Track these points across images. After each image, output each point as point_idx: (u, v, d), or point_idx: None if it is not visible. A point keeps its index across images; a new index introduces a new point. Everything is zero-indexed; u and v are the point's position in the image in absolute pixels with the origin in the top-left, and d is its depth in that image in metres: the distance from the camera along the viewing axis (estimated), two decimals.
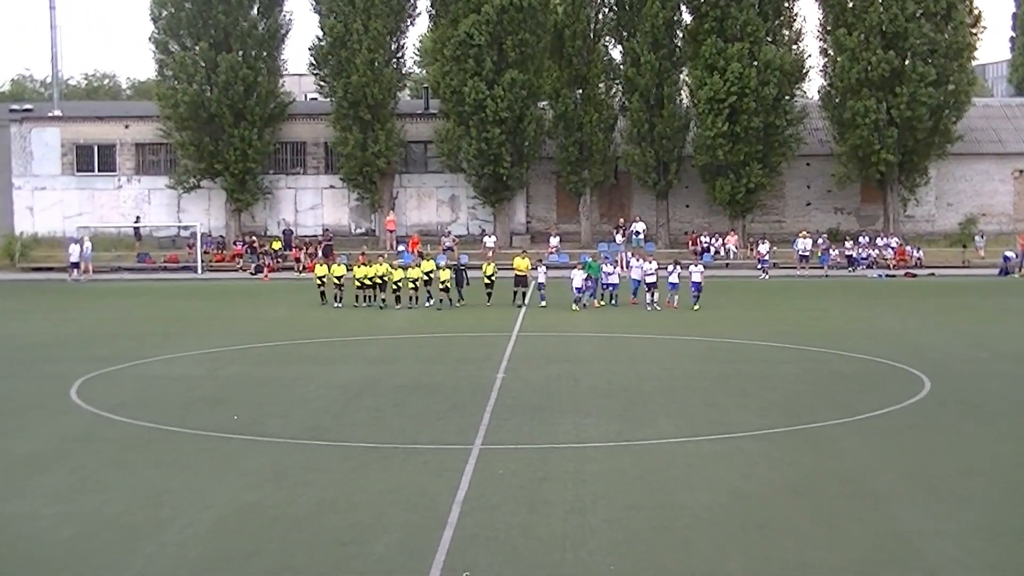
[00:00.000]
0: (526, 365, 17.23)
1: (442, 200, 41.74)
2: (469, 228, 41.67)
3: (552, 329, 22.30)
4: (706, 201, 40.48)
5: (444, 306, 25.21)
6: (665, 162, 38.93)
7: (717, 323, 22.86)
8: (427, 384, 15.47)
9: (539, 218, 42.18)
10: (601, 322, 23.28)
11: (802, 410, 13.35)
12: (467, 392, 14.75)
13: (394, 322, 23.50)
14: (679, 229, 41.25)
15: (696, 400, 14.15)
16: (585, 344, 20.08)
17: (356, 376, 16.40)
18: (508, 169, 38.54)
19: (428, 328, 22.57)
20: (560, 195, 41.45)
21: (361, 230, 41.85)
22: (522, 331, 21.94)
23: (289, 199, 41.67)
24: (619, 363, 17.61)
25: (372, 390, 15.15)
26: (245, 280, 35.38)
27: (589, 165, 39.21)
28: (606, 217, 41.65)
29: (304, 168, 41.79)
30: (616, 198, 41.74)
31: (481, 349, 19.48)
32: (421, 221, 41.61)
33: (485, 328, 22.67)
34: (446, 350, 19.39)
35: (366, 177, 39.58)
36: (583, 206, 40.38)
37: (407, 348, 19.82)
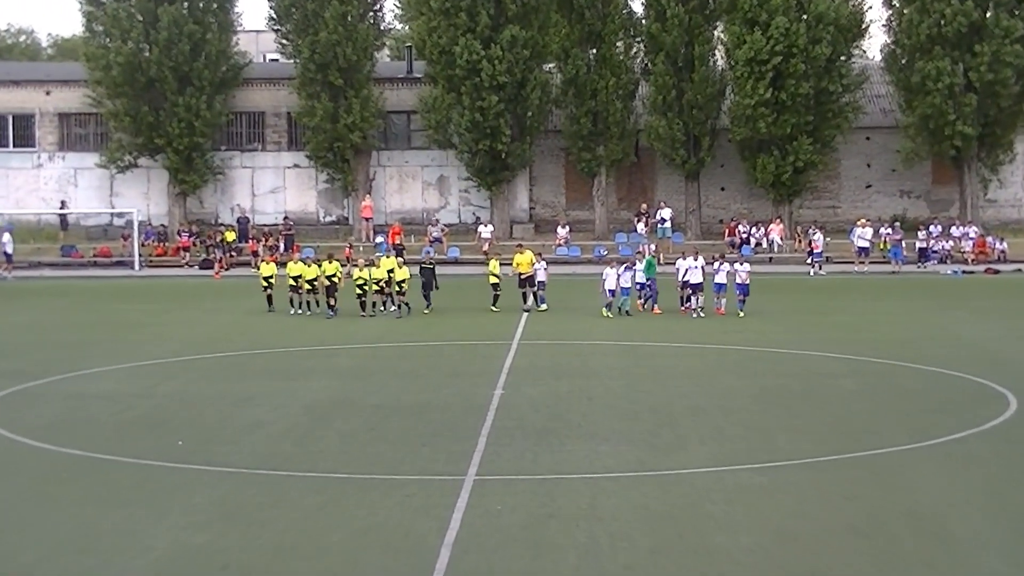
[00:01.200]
0: (529, 380, 17.32)
1: (428, 182, 41.78)
2: (461, 216, 41.69)
3: (560, 337, 22.37)
4: (745, 183, 40.52)
5: (403, 313, 25.04)
6: (696, 136, 38.91)
7: (760, 329, 22.87)
8: (410, 403, 15.65)
9: (545, 204, 42.24)
10: (620, 329, 23.36)
11: (862, 433, 13.40)
12: (458, 412, 14.89)
13: (368, 329, 23.56)
14: (712, 217, 41.25)
15: (734, 422, 14.26)
16: (600, 355, 20.14)
17: (324, 393, 16.47)
18: (507, 145, 38.51)
19: (410, 336, 22.67)
20: (570, 176, 41.57)
21: (331, 218, 41.88)
22: (524, 339, 22.02)
23: (245, 181, 41.70)
24: (641, 378, 17.68)
25: (343, 410, 15.24)
26: (191, 278, 35.43)
27: (605, 140, 39.19)
28: (625, 203, 41.70)
29: (263, 144, 41.81)
30: (637, 180, 41.84)
31: (475, 361, 19.55)
32: (403, 207, 41.65)
33: (479, 335, 22.76)
34: (432, 362, 19.46)
35: (337, 154, 39.58)
36: (597, 189, 40.39)
37: (385, 360, 19.90)
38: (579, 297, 29.19)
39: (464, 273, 35.06)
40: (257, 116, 41.40)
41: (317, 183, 41.43)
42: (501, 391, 16.23)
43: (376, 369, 18.71)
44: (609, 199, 40.79)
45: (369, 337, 22.36)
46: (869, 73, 39.83)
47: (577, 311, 26.36)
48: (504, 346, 20.83)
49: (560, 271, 34.21)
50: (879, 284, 31.92)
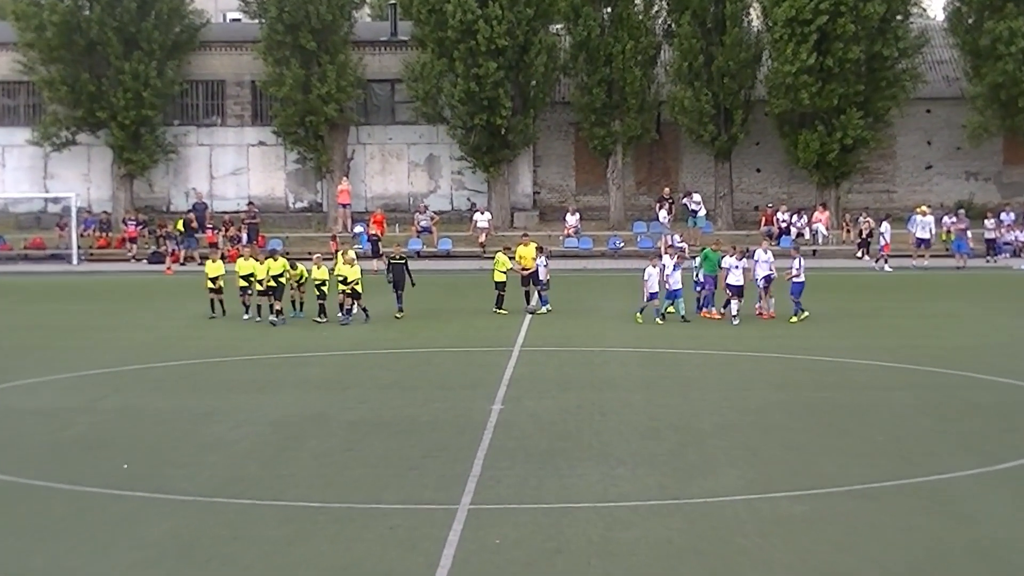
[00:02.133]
0: (532, 393, 17.40)
1: (416, 163, 41.83)
2: (453, 201, 41.76)
3: (569, 342, 22.44)
4: (785, 163, 40.57)
5: (356, 320, 24.63)
6: (727, 109, 38.88)
7: (802, 333, 22.92)
8: (394, 420, 15.72)
9: (551, 188, 42.33)
10: (639, 334, 23.42)
11: (921, 456, 13.43)
12: (450, 431, 14.97)
13: (344, 335, 23.61)
14: (746, 203, 41.34)
15: (772, 442, 14.31)
16: (616, 364, 20.22)
17: (294, 408, 16.55)
18: (508, 119, 38.53)
19: (394, 342, 22.73)
20: (580, 156, 41.60)
21: (303, 204, 41.95)
22: (527, 345, 22.09)
23: (202, 161, 41.72)
24: (664, 390, 17.76)
25: (317, 428, 15.30)
26: (139, 274, 35.43)
27: (621, 114, 39.19)
28: (644, 186, 41.80)
29: (222, 118, 41.82)
30: (659, 160, 41.88)
31: (470, 370, 19.62)
32: (387, 192, 41.72)
33: (475, 341, 22.85)
34: (420, 372, 19.52)
35: (309, 130, 39.59)
36: (613, 171, 40.42)
37: (365, 369, 19.98)
38: (591, 296, 29.32)
39: (457, 269, 35.22)
40: (216, 85, 41.37)
41: (286, 164, 41.46)
42: (500, 406, 16.33)
43: (355, 380, 18.78)
44: (626, 182, 40.83)
45: (346, 344, 22.41)
46: (930, 35, 39.61)
47: (589, 312, 26.44)
48: (503, 353, 20.87)
49: (569, 266, 34.28)
50: (941, 281, 31.96)
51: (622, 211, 40.06)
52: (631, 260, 36.36)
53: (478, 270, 33.37)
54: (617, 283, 32.14)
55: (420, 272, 35.01)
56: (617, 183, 40.20)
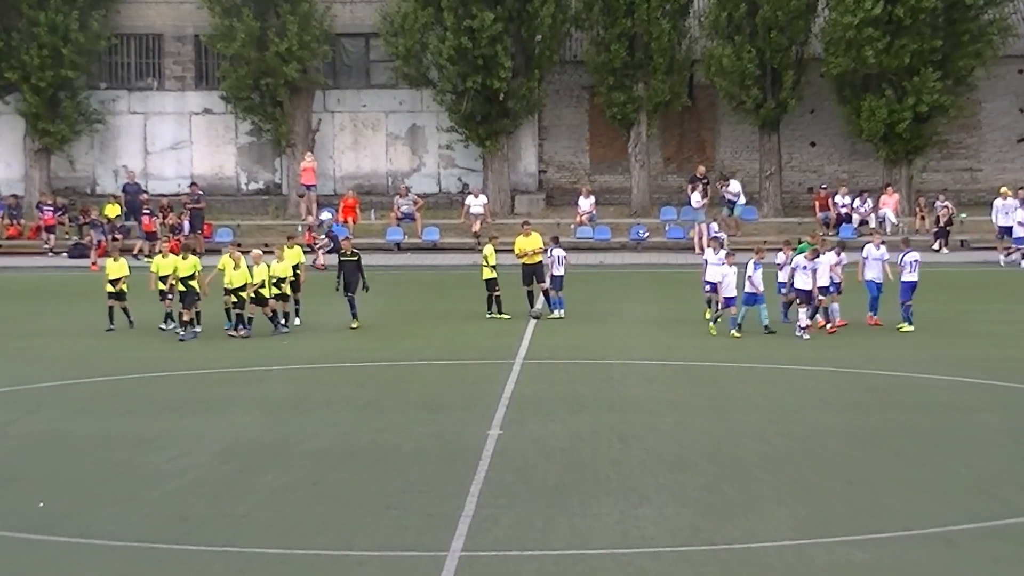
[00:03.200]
0: (538, 415, 17.46)
1: (396, 135, 41.81)
2: (441, 182, 41.64)
3: (582, 354, 22.49)
4: (845, 136, 40.44)
5: (281, 333, 24.12)
6: (775, 69, 38.67)
7: (865, 342, 22.96)
8: (369, 448, 15.89)
9: (560, 165, 42.30)
10: (668, 343, 23.50)
11: (1012, 491, 13.47)
12: (437, 461, 15.04)
13: (308, 344, 23.72)
14: (798, 184, 41.26)
15: (830, 474, 14.34)
16: (639, 380, 20.29)
17: (248, 433, 16.60)
18: (507, 82, 38.59)
19: (370, 353, 22.81)
20: (596, 127, 41.53)
21: (258, 185, 41.94)
22: (531, 357, 22.17)
23: (134, 133, 41.64)
24: (697, 411, 17.83)
25: (275, 457, 15.39)
26: (59, 270, 35.44)
27: (646, 75, 39.04)
28: (674, 163, 41.73)
29: (160, 80, 41.77)
30: (692, 131, 41.80)
31: (462, 388, 19.69)
32: (360, 170, 41.66)
33: (468, 352, 22.95)
34: (401, 390, 19.60)
35: (266, 96, 39.55)
36: (635, 145, 40.34)
37: (334, 386, 20.05)
38: (608, 297, 29.39)
39: (446, 264, 35.29)
40: (152, 41, 41.19)
41: (237, 136, 41.39)
42: (498, 431, 16.38)
43: (321, 399, 18.83)
44: (652, 159, 40.75)
45: (310, 355, 22.47)
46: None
47: (606, 317, 26.52)
48: (503, 367, 20.92)
49: (582, 261, 34.12)
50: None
51: (646, 194, 39.96)
52: (657, 253, 36.40)
53: (471, 266, 33.38)
54: (641, 281, 32.24)
55: (401, 269, 35.39)
56: (641, 160, 40.13)
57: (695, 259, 34.60)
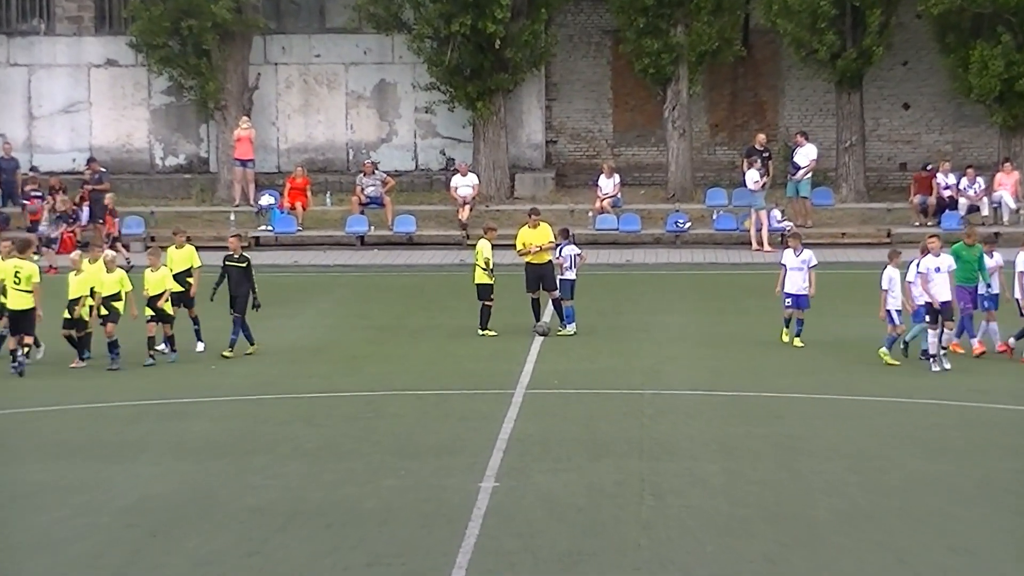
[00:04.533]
0: (545, 462, 17.40)
1: (359, 94, 41.78)
2: (419, 157, 41.50)
3: (601, 381, 22.46)
4: (949, 96, 40.36)
5: (164, 359, 24.02)
6: (856, 8, 38.64)
7: (977, 368, 22.90)
8: (323, 505, 15.66)
9: (574, 135, 42.25)
10: (715, 366, 23.52)
11: None
12: (414, 522, 14.95)
13: (243, 369, 23.74)
14: (887, 158, 41.25)
15: (929, 540, 14.24)
16: (679, 415, 20.24)
17: (163, 486, 16.51)
18: (505, 24, 38.55)
19: (324, 380, 22.81)
20: (622, 84, 41.54)
21: (178, 160, 41.83)
22: (535, 386, 22.12)
23: (15, 91, 41.53)
24: (755, 457, 17.75)
25: (199, 517, 15.19)
26: None
27: (686, 17, 38.97)
28: (724, 132, 41.70)
29: (49, 21, 41.73)
30: (747, 90, 41.76)
31: (446, 426, 19.64)
32: (311, 141, 41.59)
33: (455, 379, 22.91)
34: (366, 429, 19.57)
35: (188, 43, 39.57)
36: (674, 108, 40.12)
37: (277, 424, 20.01)
38: (638, 307, 29.40)
39: (424, 264, 35.29)
40: None
41: (151, 96, 41.27)
42: (493, 483, 16.35)
43: (261, 442, 18.77)
44: (695, 126, 40.69)
45: (247, 383, 22.43)
46: None
47: (635, 333, 26.51)
48: (499, 399, 20.88)
49: (603, 259, 34.15)
50: None
51: (688, 172, 39.73)
52: (701, 249, 36.37)
53: (458, 265, 33.25)
54: (679, 286, 32.17)
55: (366, 270, 35.29)
56: (680, 127, 39.92)
57: (750, 257, 34.84)
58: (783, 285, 24.58)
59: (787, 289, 24.49)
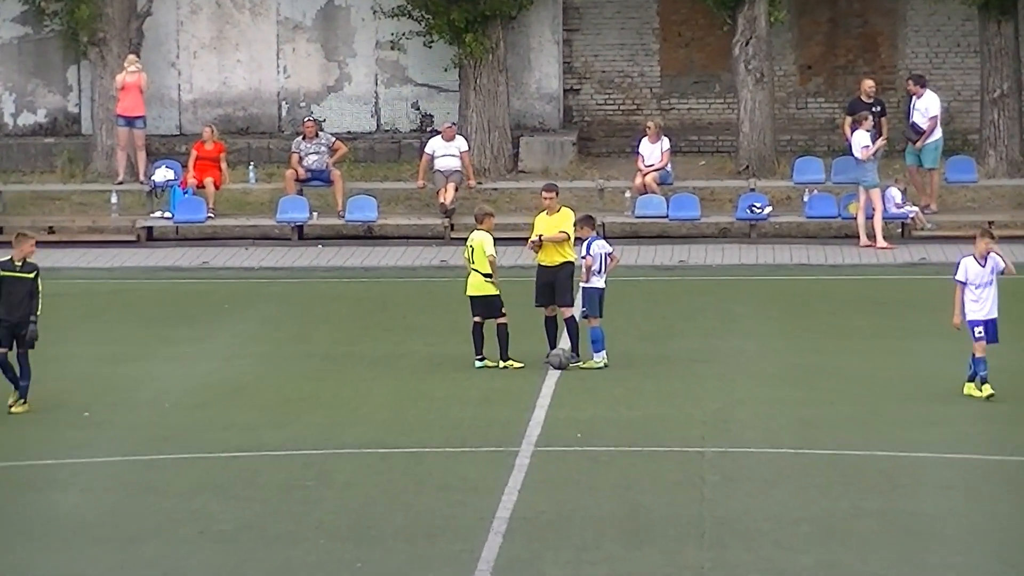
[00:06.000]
0: (562, 551, 17.36)
1: (295, 23, 42.02)
2: (382, 112, 42.01)
3: (640, 433, 22.46)
4: None
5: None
6: None
7: None
8: None
9: (604, 81, 42.54)
10: (805, 413, 23.49)
11: None
12: None
13: (125, 415, 23.76)
14: None
15: None
16: (752, 481, 20.20)
17: None
18: None
19: (239, 433, 22.76)
20: (672, 9, 41.98)
21: (37, 118, 41.71)
22: (548, 442, 22.10)
23: None
24: (865, 544, 17.68)
25: None
26: None
27: None
28: (820, 77, 42.09)
29: None
30: (853, 17, 42.09)
31: (423, 500, 19.55)
32: (228, 90, 41.93)
33: (434, 431, 22.85)
34: (305, 503, 19.54)
35: None
36: (747, 43, 40.41)
37: (172, 498, 19.81)
38: (695, 325, 29.54)
39: (390, 266, 35.51)
40: None
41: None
42: None
43: (154, 520, 18.70)
44: (780, 68, 41.14)
45: (133, 439, 22.40)
46: None
47: (691, 364, 26.56)
48: (498, 460, 20.93)
49: (647, 259, 34.37)
50: None
51: (767, 134, 39.96)
52: (787, 244, 36.58)
53: (438, 268, 33.46)
54: (756, 295, 32.38)
55: (305, 273, 35.49)
56: (757, 71, 40.04)
57: (857, 256, 35.01)
58: (963, 311, 24.32)
59: (973, 315, 24.20)
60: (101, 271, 34.88)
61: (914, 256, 34.75)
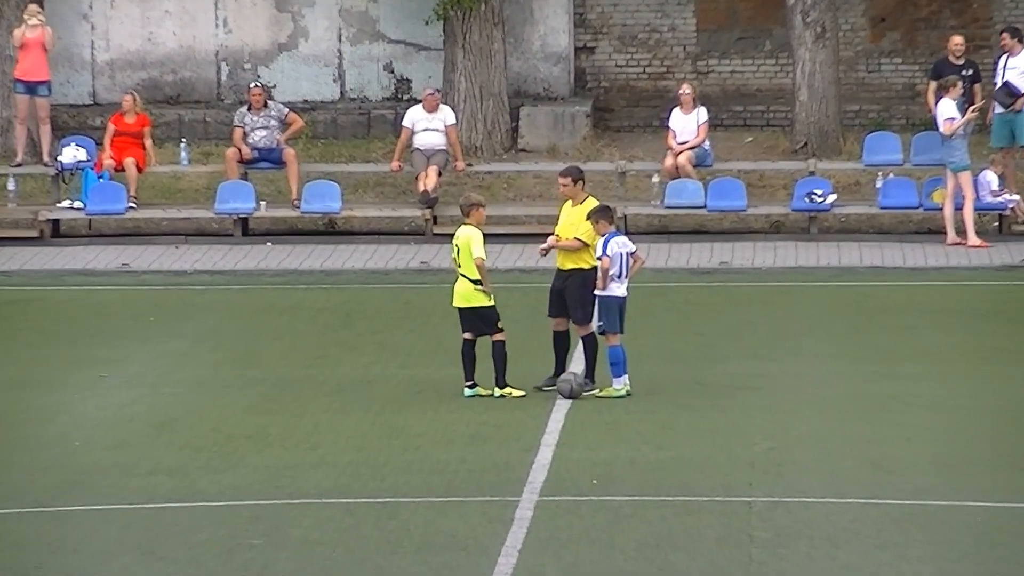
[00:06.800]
0: None
1: None
2: (346, 77, 42.41)
3: (672, 481, 22.34)
4: None
5: None
6: None
7: None
8: None
9: (625, 37, 42.91)
10: (878, 454, 23.39)
11: None
12: None
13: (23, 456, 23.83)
14: None
15: None
16: (807, 542, 19.72)
17: None
18: None
19: (168, 480, 22.66)
20: None
21: None
22: (555, 489, 21.89)
23: None
24: None
25: None
26: None
27: None
28: (897, 32, 42.46)
29: None
30: None
31: (400, 562, 19.22)
32: (155, 48, 42.29)
33: (412, 476, 22.78)
34: (255, 566, 19.23)
35: None
36: None
37: (89, 556, 19.64)
38: (739, 345, 29.81)
39: (358, 269, 35.71)
40: None
41: None
42: None
43: None
44: (846, 22, 41.52)
45: (34, 483, 22.31)
46: None
47: (734, 393, 26.57)
48: (494, 512, 20.81)
49: (678, 261, 34.51)
50: None
51: (830, 104, 40.24)
52: (857, 243, 36.74)
53: (417, 272, 33.51)
54: (816, 306, 32.61)
55: (251, 279, 35.61)
56: (816, 24, 40.35)
57: (944, 256, 35.02)
58: None
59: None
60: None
61: (1014, 256, 35.09)
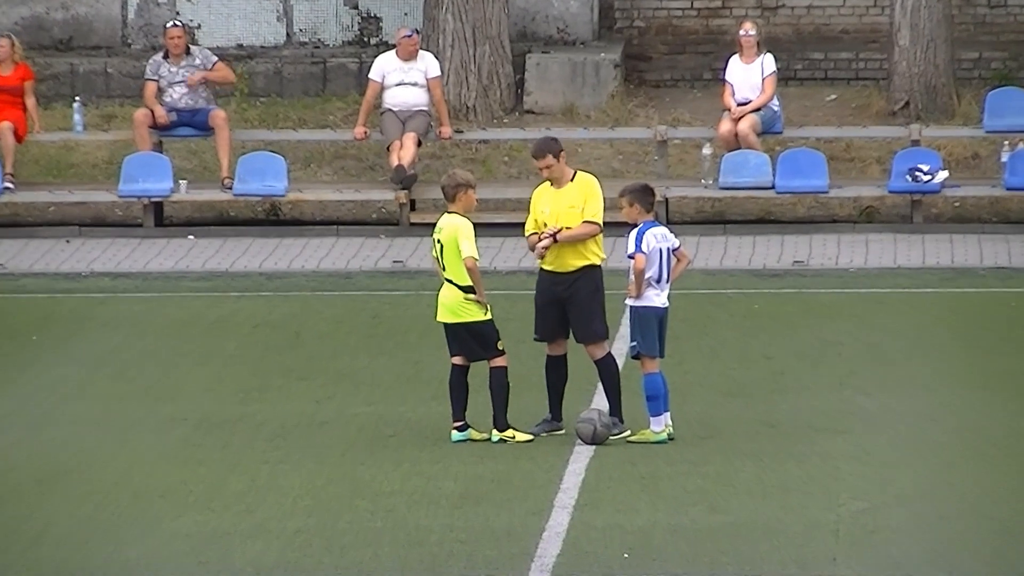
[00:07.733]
0: None
1: None
2: (294, 16, 42.45)
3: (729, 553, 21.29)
4: None
5: None
6: None
7: None
8: None
9: None
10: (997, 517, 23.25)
11: None
12: None
13: None
14: None
15: None
16: None
17: None
18: None
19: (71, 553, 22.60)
20: None
21: None
22: (573, 564, 21.45)
23: None
24: None
25: None
26: None
27: None
28: None
29: None
30: None
31: None
32: None
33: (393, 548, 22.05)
34: None
35: None
36: None
37: None
38: (818, 371, 29.92)
39: (309, 271, 35.96)
40: None
41: None
42: None
43: None
44: None
45: None
46: None
47: (815, 437, 26.20)
48: None
49: (734, 262, 34.81)
50: None
51: (939, 50, 40.54)
52: (976, 235, 36.70)
53: (390, 274, 33.80)
54: (923, 317, 32.65)
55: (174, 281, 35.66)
56: None
57: None
58: None
59: None
60: None
61: None
